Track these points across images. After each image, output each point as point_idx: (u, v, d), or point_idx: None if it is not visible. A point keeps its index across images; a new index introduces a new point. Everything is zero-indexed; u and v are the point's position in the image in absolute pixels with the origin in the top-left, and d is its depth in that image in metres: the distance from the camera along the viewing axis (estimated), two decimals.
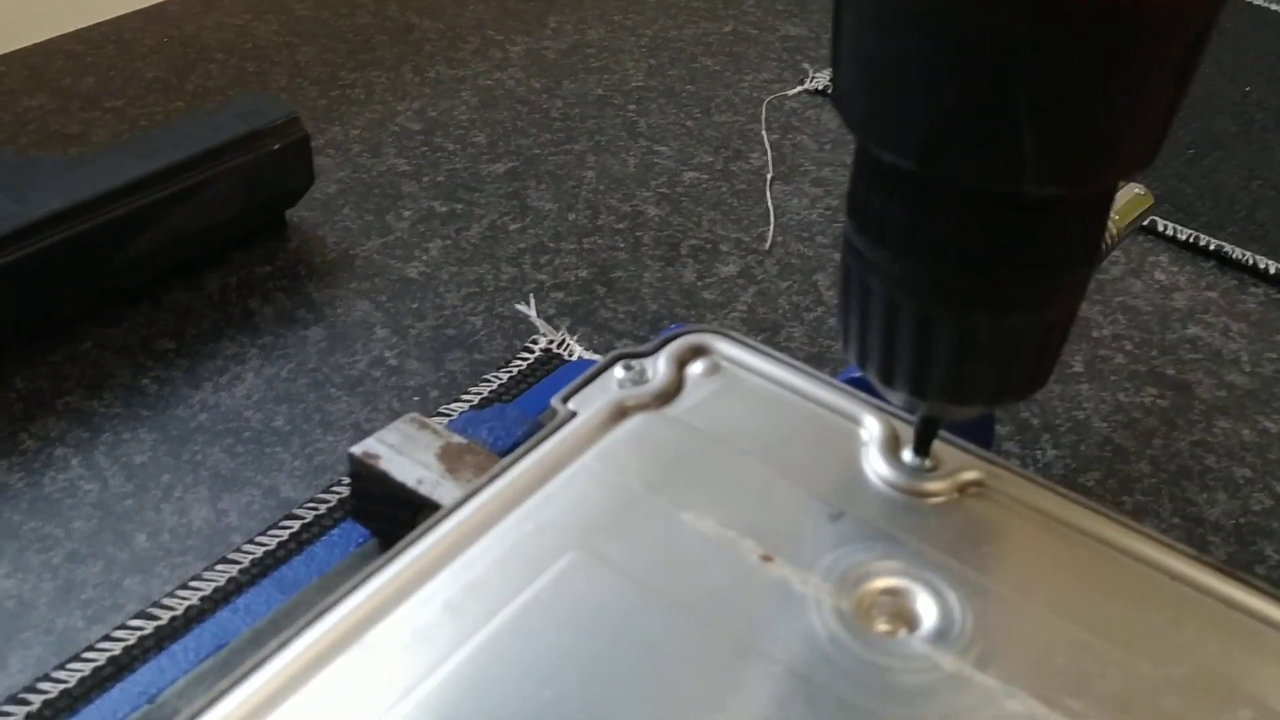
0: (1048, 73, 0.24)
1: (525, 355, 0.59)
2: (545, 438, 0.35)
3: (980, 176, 0.26)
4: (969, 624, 0.30)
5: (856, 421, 0.36)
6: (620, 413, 0.36)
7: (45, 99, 0.76)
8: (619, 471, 0.33)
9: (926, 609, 0.30)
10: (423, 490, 0.38)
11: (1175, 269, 0.68)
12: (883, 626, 0.30)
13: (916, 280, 0.28)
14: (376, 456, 0.39)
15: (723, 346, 0.38)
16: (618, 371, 0.37)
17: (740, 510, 0.32)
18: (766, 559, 0.31)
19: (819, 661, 0.28)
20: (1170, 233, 0.70)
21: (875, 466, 0.34)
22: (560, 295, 0.63)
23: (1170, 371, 0.61)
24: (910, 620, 0.30)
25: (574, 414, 0.36)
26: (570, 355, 0.59)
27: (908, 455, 0.34)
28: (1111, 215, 0.56)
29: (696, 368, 0.38)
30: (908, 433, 0.35)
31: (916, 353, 0.29)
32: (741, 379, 0.37)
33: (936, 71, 0.25)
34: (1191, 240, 0.69)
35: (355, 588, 0.30)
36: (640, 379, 0.37)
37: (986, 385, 0.30)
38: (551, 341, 0.60)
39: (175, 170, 0.59)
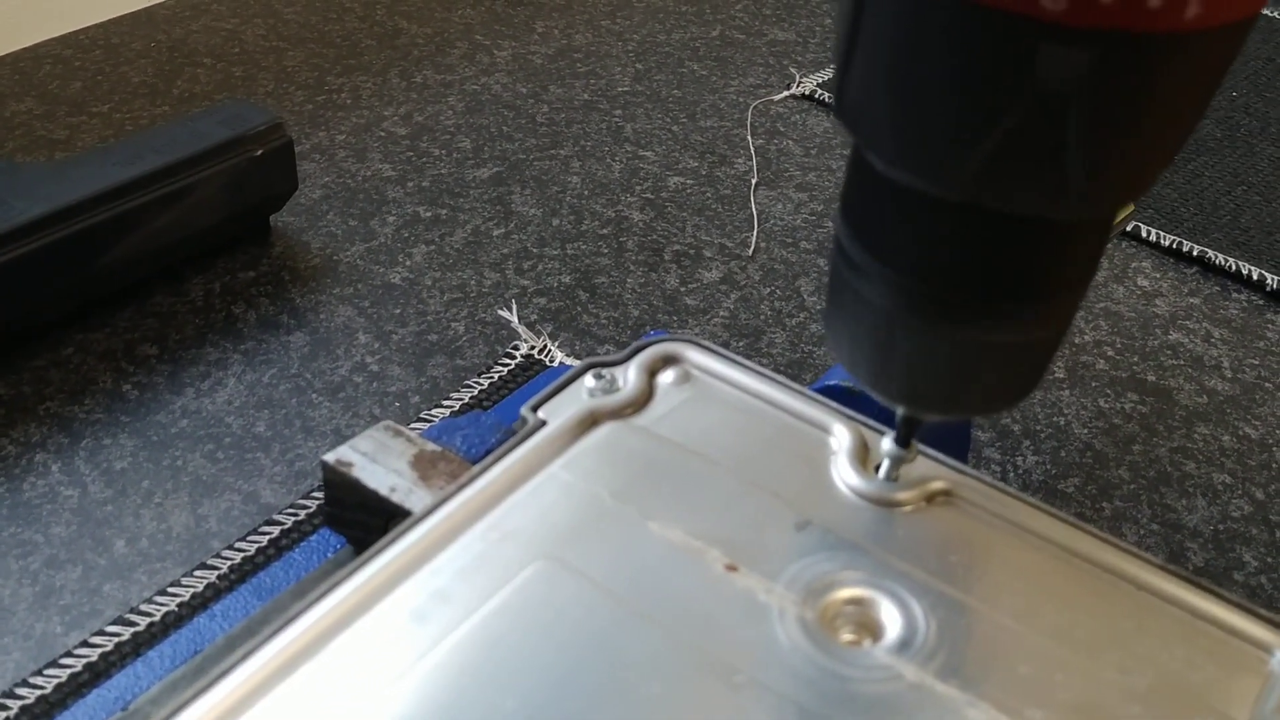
0: (1106, 104, 0.23)
1: (506, 361, 0.59)
2: (514, 446, 0.35)
3: (1025, 205, 0.25)
4: (932, 633, 0.30)
5: (826, 431, 0.36)
6: (590, 421, 0.36)
7: (33, 104, 0.77)
8: (587, 480, 0.33)
9: (891, 619, 0.30)
10: (395, 498, 0.38)
11: (1158, 275, 0.68)
12: (847, 636, 0.30)
13: (911, 293, 0.28)
14: (349, 464, 0.39)
15: (694, 355, 0.38)
16: (588, 380, 0.37)
17: (707, 520, 0.32)
18: (731, 569, 0.31)
19: (782, 671, 0.28)
20: (1154, 238, 0.70)
21: (844, 476, 0.34)
22: (543, 301, 0.64)
23: (1151, 378, 0.61)
24: (874, 630, 0.30)
25: (544, 423, 0.36)
26: (551, 361, 0.59)
27: (887, 444, 0.34)
28: None
29: (667, 377, 0.38)
30: (877, 442, 0.35)
31: (906, 363, 0.29)
32: (712, 388, 0.37)
33: (989, 106, 0.24)
34: (1175, 246, 0.69)
35: (323, 595, 0.30)
36: (611, 388, 0.37)
37: (975, 396, 0.30)
38: (533, 348, 0.60)
39: (158, 175, 0.59)
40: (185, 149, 0.60)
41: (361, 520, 0.39)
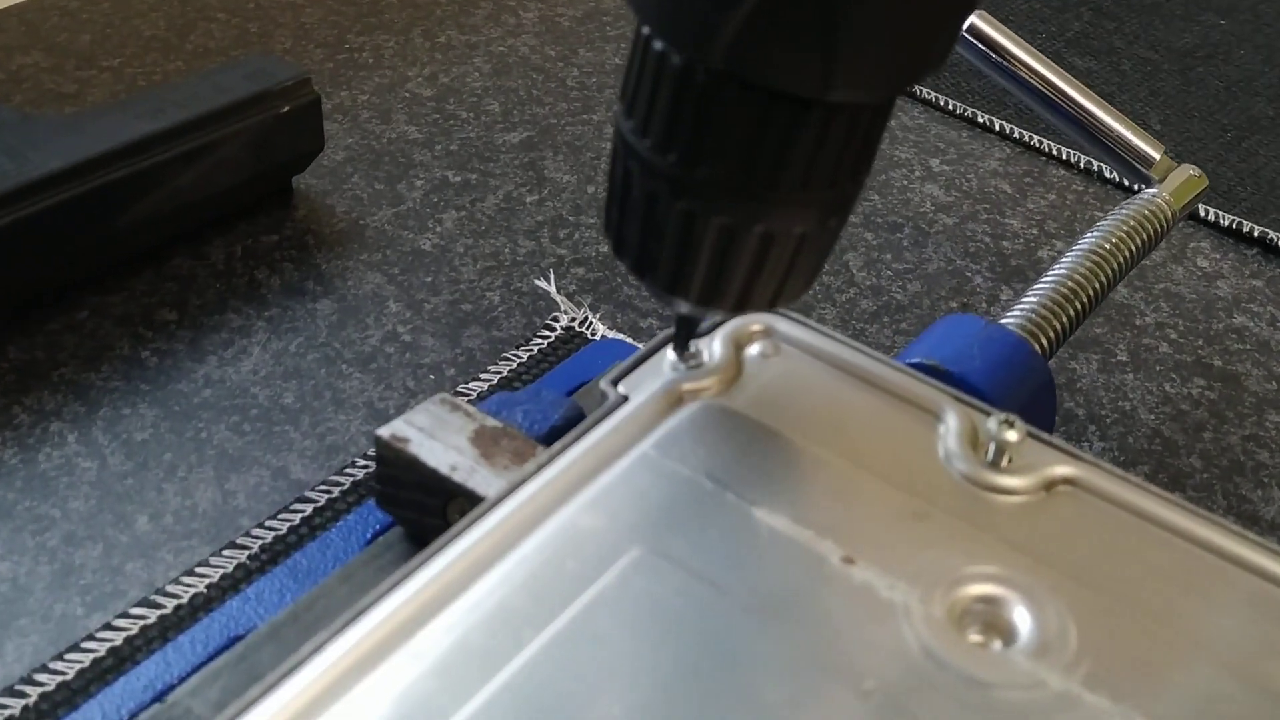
0: None
1: (546, 334, 0.56)
2: (595, 424, 0.32)
3: (783, 80, 0.25)
4: (1072, 636, 0.27)
5: (930, 411, 0.33)
6: (676, 398, 0.33)
7: (40, 56, 0.73)
8: (680, 462, 0.30)
9: (1024, 619, 0.28)
10: (456, 477, 0.35)
11: (1218, 256, 0.66)
12: (975, 637, 0.27)
13: (678, 175, 0.27)
14: (405, 440, 0.36)
15: (783, 327, 0.35)
16: (670, 353, 0.34)
17: (816, 507, 0.29)
18: (848, 561, 0.28)
19: (914, 678, 0.26)
20: (1211, 218, 0.67)
21: (954, 461, 0.32)
22: (581, 271, 0.61)
23: (1217, 362, 0.59)
24: (1006, 631, 0.28)
25: (625, 398, 0.33)
26: (593, 334, 0.56)
27: (671, 354, 0.34)
28: (1166, 197, 0.53)
29: (754, 350, 0.35)
30: (985, 424, 0.32)
31: (672, 248, 0.29)
32: (804, 363, 0.35)
33: None
34: (1234, 226, 0.67)
35: (396, 586, 0.28)
36: (694, 361, 0.34)
37: (735, 288, 0.29)
38: (574, 319, 0.57)
39: (181, 131, 0.55)
40: (209, 103, 0.57)
41: (417, 500, 0.37)
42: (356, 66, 0.75)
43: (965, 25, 0.55)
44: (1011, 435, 0.31)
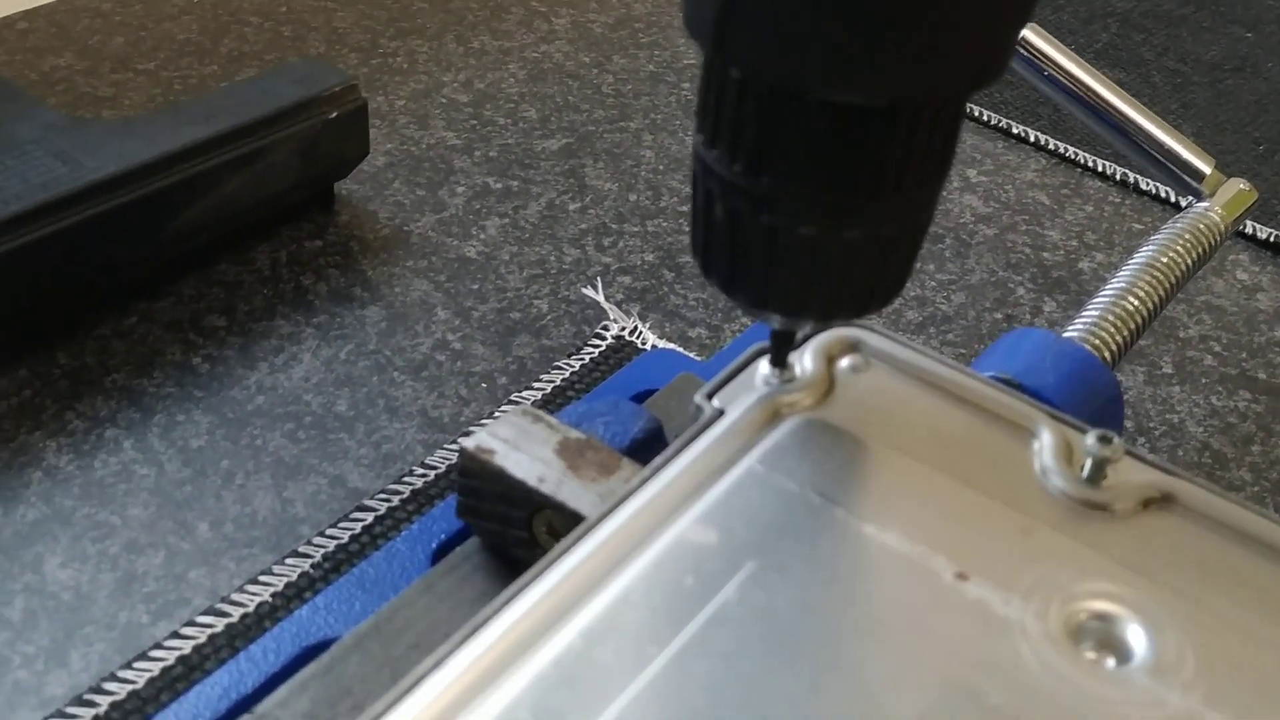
0: None
1: (596, 343, 0.56)
2: (693, 438, 0.32)
3: (826, 84, 0.25)
4: (1190, 655, 0.27)
5: (1023, 426, 0.33)
6: (772, 412, 0.33)
7: (73, 59, 0.73)
8: (787, 477, 0.30)
9: (1138, 637, 0.28)
10: (544, 489, 0.35)
11: (1257, 269, 0.66)
12: (1089, 654, 0.27)
13: (758, 189, 0.27)
14: (490, 451, 0.36)
15: (873, 341, 0.35)
16: (762, 366, 0.34)
17: (924, 522, 0.29)
18: (962, 577, 0.28)
19: (1037, 695, 0.26)
20: (1250, 230, 0.67)
21: (1051, 477, 0.32)
22: (627, 280, 0.61)
23: (1262, 375, 0.59)
24: (1119, 648, 0.28)
25: (721, 412, 0.33)
26: (644, 344, 0.56)
27: (764, 368, 0.34)
28: (1219, 211, 0.54)
29: (845, 364, 0.35)
30: (1084, 442, 0.32)
31: (756, 263, 0.29)
32: (894, 377, 0.35)
33: None
34: (1272, 239, 0.67)
35: (510, 601, 0.28)
36: (788, 375, 0.34)
37: (823, 299, 0.29)
38: (624, 328, 0.57)
39: (231, 136, 0.55)
40: (258, 109, 0.57)
41: (501, 512, 0.37)
42: (391, 71, 0.75)
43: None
44: (1110, 452, 0.31)
